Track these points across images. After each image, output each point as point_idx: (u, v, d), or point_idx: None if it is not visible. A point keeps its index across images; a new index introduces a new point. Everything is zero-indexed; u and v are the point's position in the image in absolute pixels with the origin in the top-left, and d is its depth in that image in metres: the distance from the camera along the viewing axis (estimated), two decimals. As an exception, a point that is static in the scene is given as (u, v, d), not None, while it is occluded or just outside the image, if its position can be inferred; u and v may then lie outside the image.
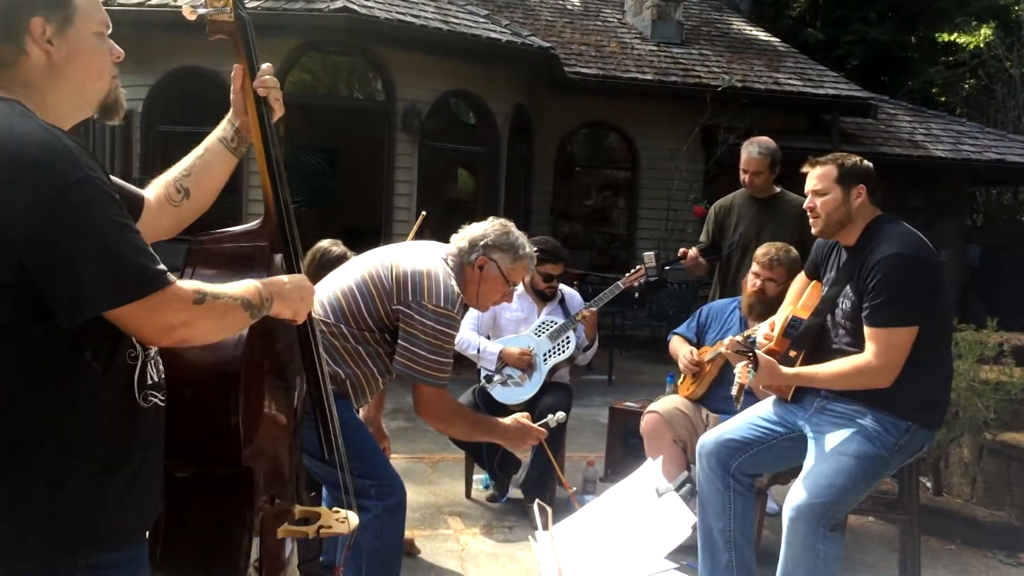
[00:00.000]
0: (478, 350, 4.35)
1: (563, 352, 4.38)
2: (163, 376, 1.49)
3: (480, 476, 4.69)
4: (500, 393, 4.31)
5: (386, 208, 8.13)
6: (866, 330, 2.72)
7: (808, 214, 2.92)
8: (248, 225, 1.75)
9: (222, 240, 1.71)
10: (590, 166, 11.60)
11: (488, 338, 4.46)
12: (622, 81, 10.05)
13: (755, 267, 3.93)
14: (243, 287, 1.49)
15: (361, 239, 6.34)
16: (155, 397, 1.45)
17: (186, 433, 1.52)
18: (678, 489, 1.57)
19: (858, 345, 2.78)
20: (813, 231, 2.95)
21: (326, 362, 1.96)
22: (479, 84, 8.63)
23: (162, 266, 1.33)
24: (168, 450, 1.52)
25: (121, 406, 1.40)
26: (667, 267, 5.14)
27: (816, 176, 2.87)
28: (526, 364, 4.30)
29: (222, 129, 1.81)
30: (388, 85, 8.07)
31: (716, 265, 4.94)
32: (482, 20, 8.66)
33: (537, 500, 1.93)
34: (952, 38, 17.22)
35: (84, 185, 1.28)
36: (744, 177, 4.66)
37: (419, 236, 3.63)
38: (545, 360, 4.37)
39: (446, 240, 2.89)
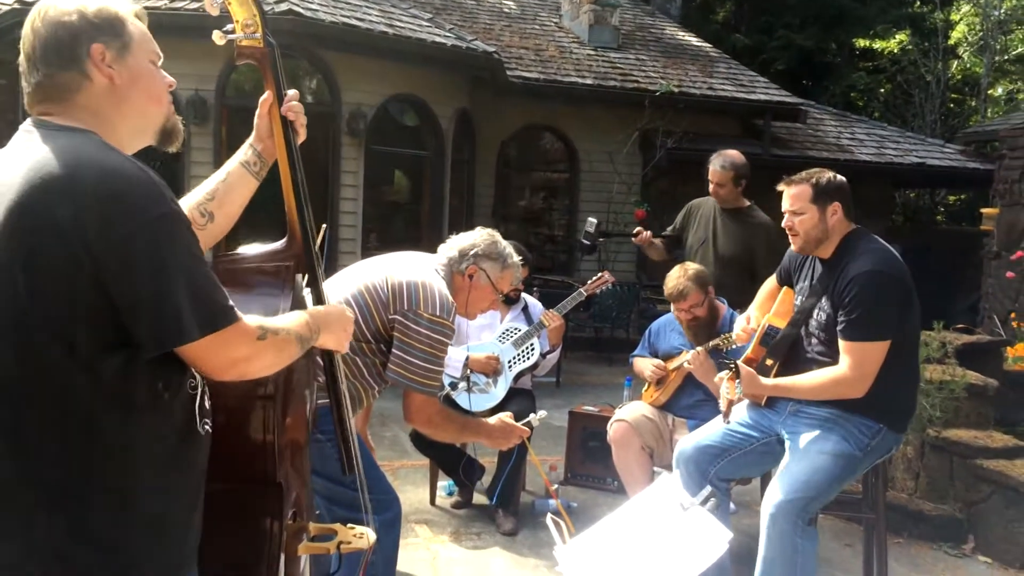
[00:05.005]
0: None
1: (528, 359, 4.42)
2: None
3: (443, 483, 4.70)
4: (465, 400, 4.32)
5: (331, 211, 8.05)
6: (841, 343, 2.83)
7: (787, 232, 3.02)
8: (273, 245, 1.75)
9: (248, 259, 1.71)
10: (531, 169, 11.69)
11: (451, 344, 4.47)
12: (563, 85, 10.14)
13: (673, 305, 4.03)
14: (295, 320, 1.52)
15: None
16: (207, 424, 1.48)
17: (222, 452, 1.52)
18: (703, 504, 1.63)
19: (831, 355, 2.90)
20: (793, 248, 3.06)
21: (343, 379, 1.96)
22: (424, 88, 8.61)
23: (231, 301, 1.36)
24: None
25: (187, 434, 1.43)
26: (602, 238, 5.25)
27: (791, 196, 2.96)
28: (492, 369, 4.32)
29: (244, 153, 1.81)
30: (333, 88, 7.99)
31: (667, 253, 5.14)
32: (426, 24, 8.65)
33: (550, 514, 1.96)
34: (869, 44, 17.86)
35: (172, 219, 1.32)
36: (710, 187, 4.80)
37: (322, 249, 3.68)
38: (510, 367, 4.40)
39: (392, 246, 2.94)
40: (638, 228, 5.13)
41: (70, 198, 1.26)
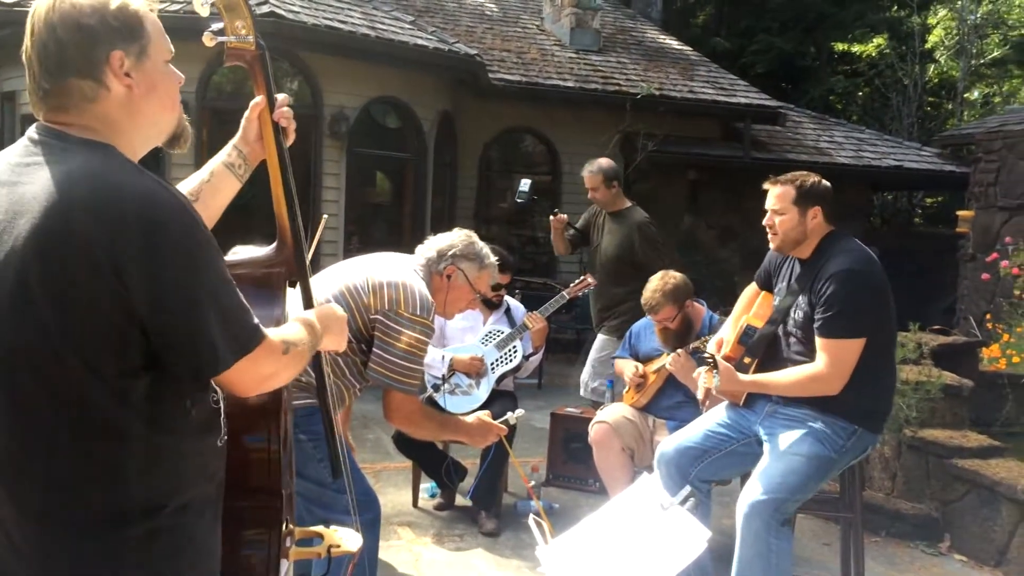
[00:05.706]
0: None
1: (511, 361, 4.45)
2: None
3: (426, 485, 4.72)
4: (448, 402, 4.34)
5: (313, 213, 8.04)
6: (818, 340, 2.88)
7: (768, 230, 3.07)
8: (264, 250, 1.75)
9: (240, 265, 1.70)
10: (512, 171, 11.69)
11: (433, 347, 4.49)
12: (544, 88, 10.16)
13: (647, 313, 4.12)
14: (302, 330, 1.51)
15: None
16: (224, 436, 1.47)
17: (230, 465, 1.51)
18: (682, 503, 1.66)
19: (808, 354, 2.95)
20: (771, 247, 3.10)
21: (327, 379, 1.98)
22: (406, 90, 8.63)
23: (256, 319, 1.35)
24: None
25: (211, 448, 1.42)
26: (535, 197, 5.81)
27: (775, 195, 3.01)
28: (476, 371, 4.35)
29: (228, 154, 1.79)
30: (315, 91, 7.99)
31: (571, 248, 5.53)
32: (408, 27, 8.66)
33: (531, 515, 1.99)
34: (847, 48, 18.02)
35: (204, 246, 1.29)
36: (589, 194, 5.27)
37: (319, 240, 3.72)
38: (493, 369, 4.43)
39: (374, 248, 3.00)
40: (556, 210, 5.43)
41: (101, 224, 1.22)
